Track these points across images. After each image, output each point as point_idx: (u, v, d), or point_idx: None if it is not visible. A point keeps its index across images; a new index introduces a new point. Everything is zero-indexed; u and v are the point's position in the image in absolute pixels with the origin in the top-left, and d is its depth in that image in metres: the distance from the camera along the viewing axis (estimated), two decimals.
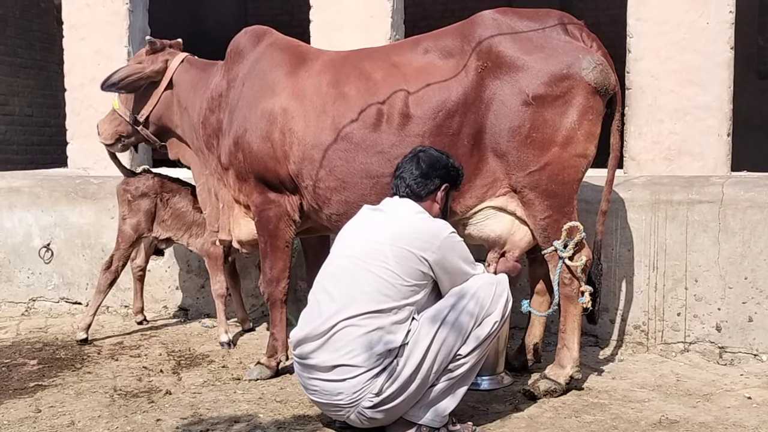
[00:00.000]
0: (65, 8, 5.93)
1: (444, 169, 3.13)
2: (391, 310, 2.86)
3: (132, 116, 4.37)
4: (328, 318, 2.88)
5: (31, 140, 9.06)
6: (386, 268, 2.87)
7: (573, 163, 3.43)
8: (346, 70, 3.68)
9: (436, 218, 3.07)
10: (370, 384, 2.82)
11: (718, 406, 3.36)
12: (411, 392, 2.86)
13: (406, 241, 2.90)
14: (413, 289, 2.90)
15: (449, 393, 2.94)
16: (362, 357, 2.81)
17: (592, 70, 3.38)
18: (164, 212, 4.61)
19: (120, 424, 3.17)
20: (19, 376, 3.88)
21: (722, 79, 4.44)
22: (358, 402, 2.85)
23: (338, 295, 2.91)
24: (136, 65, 4.32)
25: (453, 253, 2.97)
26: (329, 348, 2.87)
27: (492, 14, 3.57)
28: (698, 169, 4.48)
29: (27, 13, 8.90)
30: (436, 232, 2.96)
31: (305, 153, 3.65)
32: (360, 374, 2.82)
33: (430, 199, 3.11)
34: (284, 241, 3.85)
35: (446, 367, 2.91)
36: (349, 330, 2.84)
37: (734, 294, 4.02)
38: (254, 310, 5.03)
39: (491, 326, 2.97)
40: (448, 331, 2.88)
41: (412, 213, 3.03)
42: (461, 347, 2.91)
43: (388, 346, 2.83)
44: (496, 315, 2.99)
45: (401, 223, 2.97)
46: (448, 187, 3.16)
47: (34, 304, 5.48)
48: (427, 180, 3.09)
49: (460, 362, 2.92)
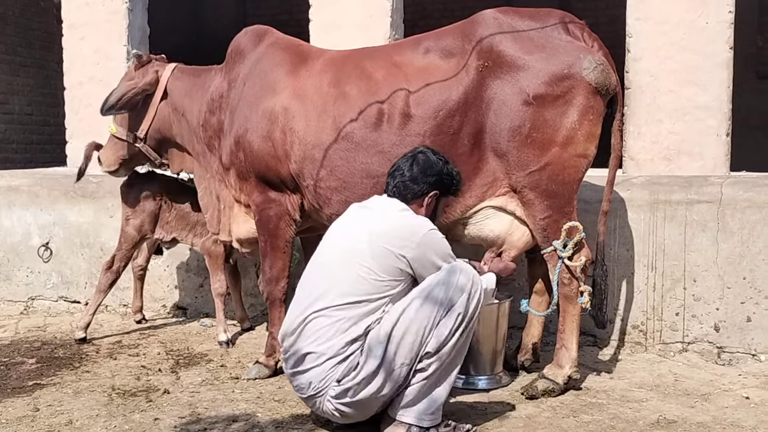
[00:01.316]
0: (65, 7, 5.94)
1: (436, 176, 3.13)
2: (362, 302, 2.88)
3: (131, 135, 4.36)
4: (302, 311, 2.95)
5: (31, 139, 9.05)
6: (362, 264, 2.90)
7: (573, 163, 3.43)
8: (347, 69, 3.68)
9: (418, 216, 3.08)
10: (333, 372, 2.85)
11: (716, 406, 3.36)
12: (377, 386, 2.82)
13: (385, 239, 2.92)
14: (388, 284, 2.92)
15: (426, 394, 2.88)
16: (326, 344, 2.86)
17: (593, 70, 3.38)
18: (168, 213, 4.61)
19: (118, 423, 3.17)
20: (18, 375, 3.88)
21: (721, 79, 4.44)
22: (324, 391, 2.88)
23: (313, 289, 2.97)
24: (128, 83, 4.32)
25: (431, 250, 2.96)
26: (302, 338, 2.93)
27: (493, 13, 3.57)
28: (697, 169, 4.48)
29: (27, 12, 8.89)
30: (415, 229, 2.97)
31: (306, 152, 3.65)
32: (324, 361, 2.87)
33: (416, 203, 3.12)
34: (284, 241, 3.85)
35: (414, 365, 2.84)
36: (318, 320, 2.90)
37: (733, 294, 4.02)
38: (253, 309, 5.03)
39: (454, 319, 2.85)
40: (408, 323, 2.83)
41: (396, 211, 3.05)
42: (427, 342, 2.83)
43: (351, 335, 2.86)
44: (458, 307, 2.85)
45: (382, 221, 2.99)
46: (438, 195, 3.16)
47: (32, 302, 5.48)
48: (415, 184, 3.11)
49: (430, 360, 2.84)
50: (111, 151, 4.49)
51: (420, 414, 2.88)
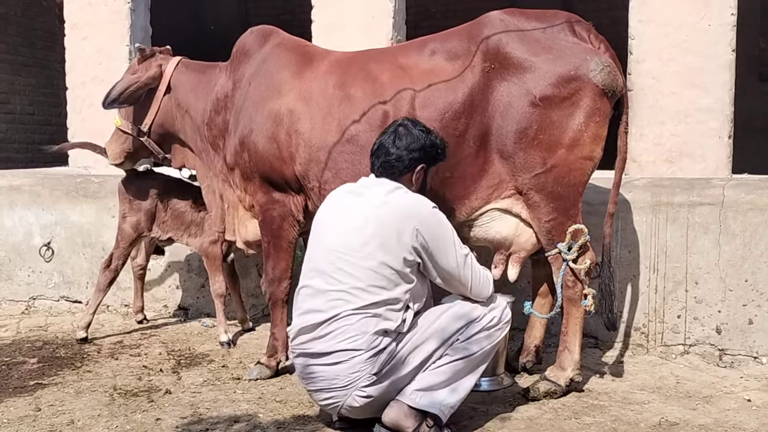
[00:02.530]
0: (67, 7, 5.94)
1: (420, 150, 3.09)
2: (387, 302, 2.88)
3: (135, 128, 4.35)
4: (323, 312, 2.91)
5: (33, 139, 9.06)
6: (373, 258, 2.87)
7: (579, 165, 3.42)
8: (353, 71, 3.68)
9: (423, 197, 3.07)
10: (367, 365, 2.85)
11: (717, 408, 3.36)
12: (405, 373, 2.90)
13: (387, 226, 2.89)
14: (403, 274, 2.90)
15: (448, 384, 2.94)
16: (360, 341, 2.85)
17: (600, 71, 3.37)
18: (164, 212, 4.61)
19: (120, 423, 3.17)
20: (19, 375, 3.88)
21: (723, 81, 4.44)
22: (353, 383, 2.87)
23: (331, 291, 2.91)
24: (131, 76, 4.30)
25: (439, 229, 2.98)
26: (327, 338, 2.89)
27: (499, 15, 3.56)
28: (699, 171, 4.48)
29: (29, 12, 8.90)
30: (417, 207, 2.97)
31: (311, 154, 3.65)
32: (355, 357, 2.85)
33: (405, 178, 3.09)
34: (287, 242, 3.85)
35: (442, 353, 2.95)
36: (346, 319, 2.87)
37: (734, 296, 4.01)
38: (254, 310, 5.03)
39: (489, 320, 3.04)
40: (445, 323, 2.97)
41: (389, 191, 3.01)
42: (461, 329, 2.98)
43: (383, 327, 2.87)
44: (495, 312, 3.08)
45: (379, 206, 2.95)
46: (425, 167, 3.14)
47: (34, 302, 5.48)
48: (400, 161, 3.07)
49: (457, 346, 2.96)
50: (116, 144, 4.47)
51: (431, 401, 2.89)
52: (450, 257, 2.99)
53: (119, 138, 4.45)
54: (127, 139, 4.42)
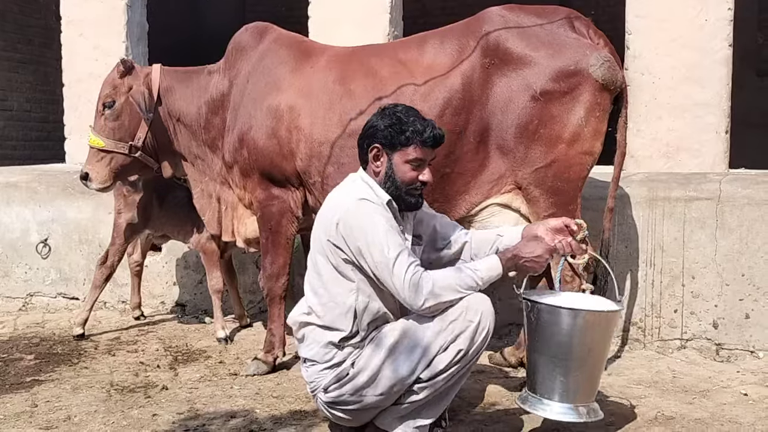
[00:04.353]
0: (64, 3, 5.93)
1: (371, 129, 2.80)
2: (332, 307, 2.74)
3: (126, 145, 4.08)
4: (300, 313, 2.88)
5: (30, 135, 9.05)
6: (313, 257, 2.81)
7: (579, 160, 3.43)
8: (353, 66, 3.67)
9: (369, 187, 2.78)
10: (320, 378, 2.78)
11: (714, 402, 3.36)
12: (370, 402, 2.71)
13: (319, 223, 2.81)
14: (343, 273, 2.72)
15: (413, 416, 2.74)
16: (312, 350, 2.80)
17: (599, 66, 3.38)
18: (159, 209, 4.60)
19: (116, 419, 3.17)
20: (16, 371, 3.88)
21: (721, 76, 4.44)
22: (315, 392, 2.84)
23: (307, 289, 2.87)
24: (122, 98, 4.09)
25: (356, 220, 2.66)
26: (301, 341, 2.88)
27: (499, 11, 3.57)
28: (696, 166, 4.48)
29: (26, 9, 8.88)
30: (343, 199, 2.75)
31: (313, 150, 3.65)
32: (312, 366, 2.81)
33: (369, 169, 2.84)
34: (286, 238, 3.85)
35: (409, 388, 2.69)
36: (306, 326, 2.83)
37: (731, 291, 4.02)
38: (251, 306, 5.03)
39: (453, 354, 2.64)
40: (407, 344, 2.67)
41: (342, 185, 2.86)
42: (421, 370, 2.66)
43: (330, 339, 2.74)
44: (460, 343, 2.63)
45: (324, 205, 2.85)
46: (378, 149, 2.78)
47: (31, 299, 5.48)
48: (360, 148, 2.87)
49: (422, 385, 2.68)
50: (100, 166, 4.09)
51: (407, 428, 2.75)
52: (374, 254, 2.61)
53: (102, 158, 4.10)
54: (113, 159, 4.10)
